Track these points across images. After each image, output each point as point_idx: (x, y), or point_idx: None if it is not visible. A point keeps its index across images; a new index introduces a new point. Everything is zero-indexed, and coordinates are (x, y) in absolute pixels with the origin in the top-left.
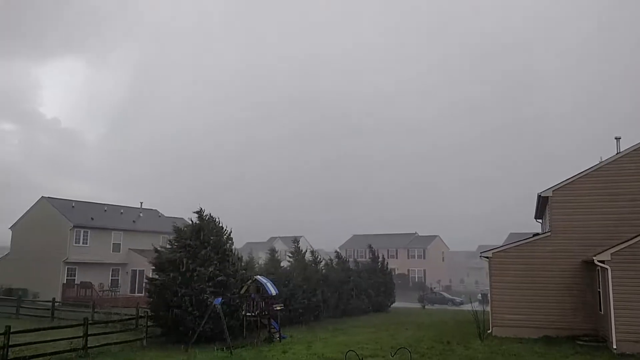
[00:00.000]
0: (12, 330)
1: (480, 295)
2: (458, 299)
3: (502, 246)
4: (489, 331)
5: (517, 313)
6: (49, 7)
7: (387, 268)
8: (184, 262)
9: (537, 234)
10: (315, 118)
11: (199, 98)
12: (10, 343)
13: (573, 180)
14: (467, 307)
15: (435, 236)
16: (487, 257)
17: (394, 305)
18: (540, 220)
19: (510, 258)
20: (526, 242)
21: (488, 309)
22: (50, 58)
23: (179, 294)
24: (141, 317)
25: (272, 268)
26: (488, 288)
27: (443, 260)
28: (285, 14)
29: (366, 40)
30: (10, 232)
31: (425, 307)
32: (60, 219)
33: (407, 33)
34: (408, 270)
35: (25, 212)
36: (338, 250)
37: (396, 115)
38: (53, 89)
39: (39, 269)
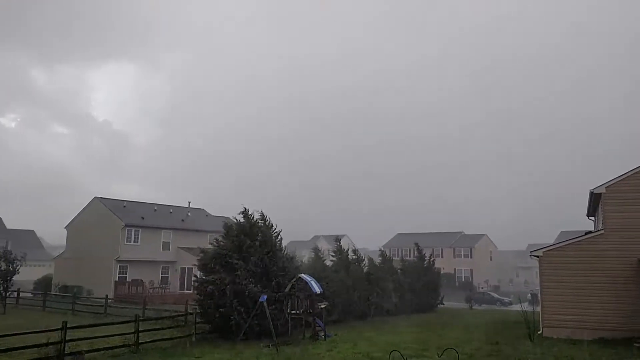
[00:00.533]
0: (68, 326)
1: (529, 295)
2: (506, 299)
3: (553, 244)
4: (539, 332)
5: (569, 313)
6: (100, 13)
7: (433, 266)
8: (231, 258)
9: (590, 232)
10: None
11: (242, 98)
12: (67, 338)
13: (627, 176)
14: (516, 307)
15: (483, 235)
16: (537, 256)
17: (440, 305)
18: (592, 218)
19: (562, 257)
20: (578, 240)
21: (538, 309)
22: (101, 63)
23: (225, 291)
24: (190, 314)
25: (316, 266)
26: (538, 288)
27: (491, 259)
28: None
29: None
30: (65, 231)
31: (473, 307)
32: (112, 219)
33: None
34: (454, 269)
35: (79, 212)
36: (382, 248)
37: (446, 119)
38: (104, 93)
39: (93, 267)
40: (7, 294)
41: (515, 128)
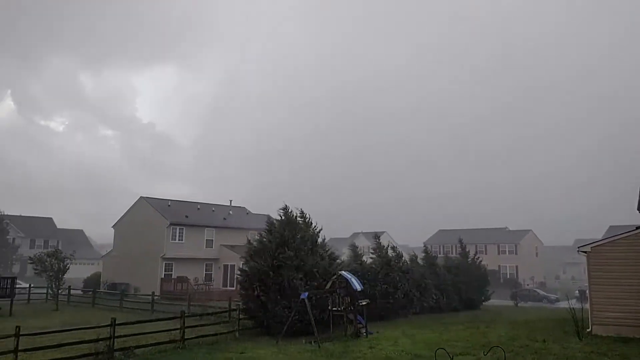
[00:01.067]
0: (117, 322)
1: (577, 291)
2: (553, 296)
3: (602, 240)
4: (588, 330)
5: (620, 311)
6: (143, 17)
7: (478, 263)
8: (273, 251)
9: None
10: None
11: (281, 99)
12: (115, 334)
13: None
14: (563, 304)
15: (528, 230)
16: (585, 252)
17: (484, 302)
18: None
19: (611, 252)
20: (629, 235)
21: (586, 306)
22: (145, 66)
23: (267, 283)
24: (233, 310)
25: (355, 263)
26: (586, 284)
27: (537, 255)
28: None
29: None
30: (112, 230)
31: (518, 304)
32: (157, 218)
33: None
34: (499, 266)
35: (126, 212)
36: (425, 245)
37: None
38: (148, 95)
39: (139, 265)
40: (59, 291)
41: (564, 120)
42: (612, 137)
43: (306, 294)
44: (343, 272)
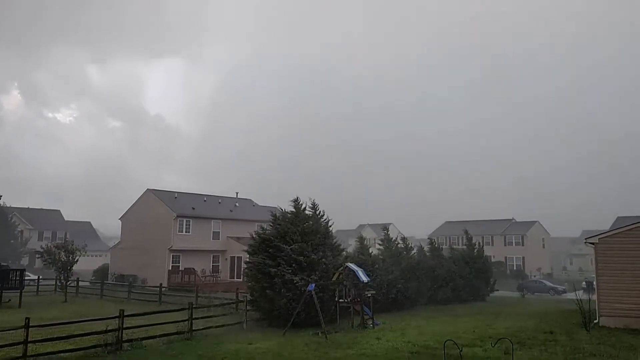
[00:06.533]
0: (125, 314)
1: (584, 283)
2: (560, 287)
3: (610, 231)
4: (595, 321)
5: (627, 302)
6: (149, 11)
7: (483, 254)
8: (278, 243)
9: None
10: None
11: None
12: (124, 325)
13: None
14: (570, 295)
15: (535, 222)
16: (592, 243)
17: (491, 294)
18: None
19: (620, 243)
20: (637, 226)
21: (594, 297)
22: (152, 58)
23: (272, 275)
24: (240, 301)
25: (362, 255)
26: (593, 276)
27: (543, 246)
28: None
29: None
30: (120, 222)
31: (525, 295)
32: (164, 210)
33: None
34: (505, 257)
35: (133, 204)
36: (430, 237)
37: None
38: (156, 88)
39: (147, 257)
40: (68, 283)
41: (572, 113)
42: (621, 128)
43: (313, 285)
44: (349, 263)
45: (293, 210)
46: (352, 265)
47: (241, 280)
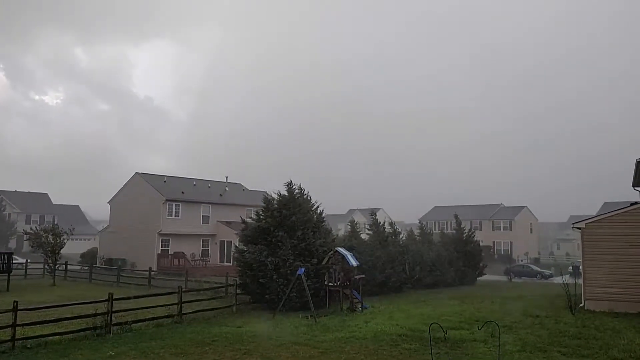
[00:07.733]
0: (114, 297)
1: (571, 267)
2: (547, 272)
3: (596, 216)
4: (580, 305)
5: (612, 286)
6: None
7: (472, 238)
8: (271, 230)
9: (636, 203)
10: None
11: (274, 72)
12: (113, 309)
13: None
14: (557, 280)
15: (523, 207)
16: (579, 228)
17: (479, 278)
18: (639, 189)
19: (606, 229)
20: (623, 212)
21: (580, 282)
22: (142, 40)
23: (266, 263)
24: (230, 285)
25: (352, 240)
26: (580, 260)
27: (531, 231)
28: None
29: None
30: (108, 206)
31: (512, 280)
32: (153, 193)
33: None
34: (493, 242)
35: (121, 188)
36: (420, 221)
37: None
38: (145, 70)
39: (136, 240)
40: (56, 266)
41: (557, 100)
42: (608, 113)
43: (302, 269)
44: (339, 248)
45: (286, 194)
46: (342, 250)
47: (231, 264)
